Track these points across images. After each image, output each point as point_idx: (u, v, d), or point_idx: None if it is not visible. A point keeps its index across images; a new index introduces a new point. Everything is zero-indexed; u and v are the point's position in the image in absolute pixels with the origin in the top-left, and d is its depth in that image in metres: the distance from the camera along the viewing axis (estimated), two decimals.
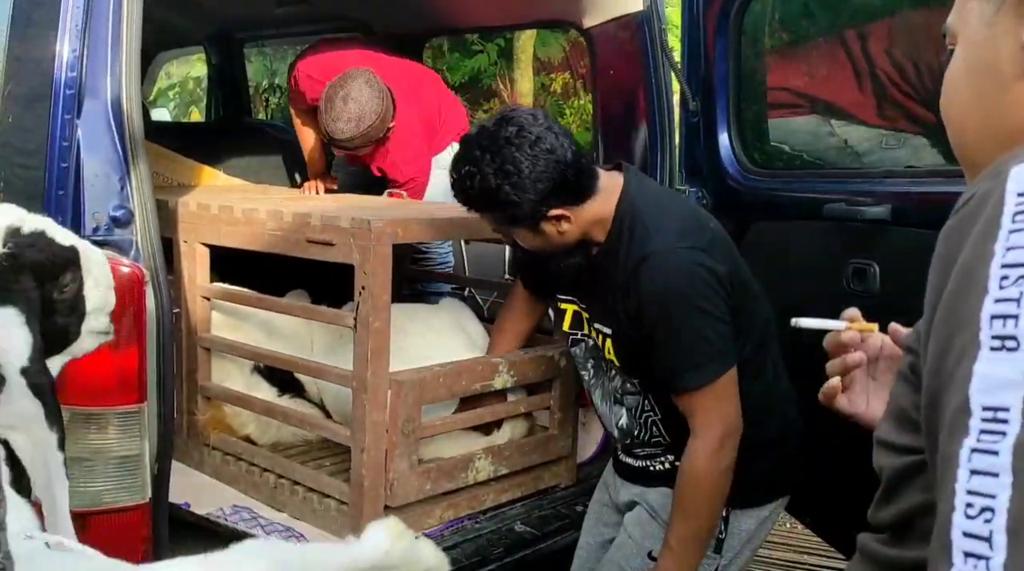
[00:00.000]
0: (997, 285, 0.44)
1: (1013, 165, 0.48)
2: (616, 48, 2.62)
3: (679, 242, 1.58)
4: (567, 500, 2.17)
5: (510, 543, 1.95)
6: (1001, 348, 0.42)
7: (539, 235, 1.61)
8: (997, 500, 0.39)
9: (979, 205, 0.48)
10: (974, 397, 0.42)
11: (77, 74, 1.33)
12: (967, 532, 0.40)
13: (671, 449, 1.68)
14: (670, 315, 1.54)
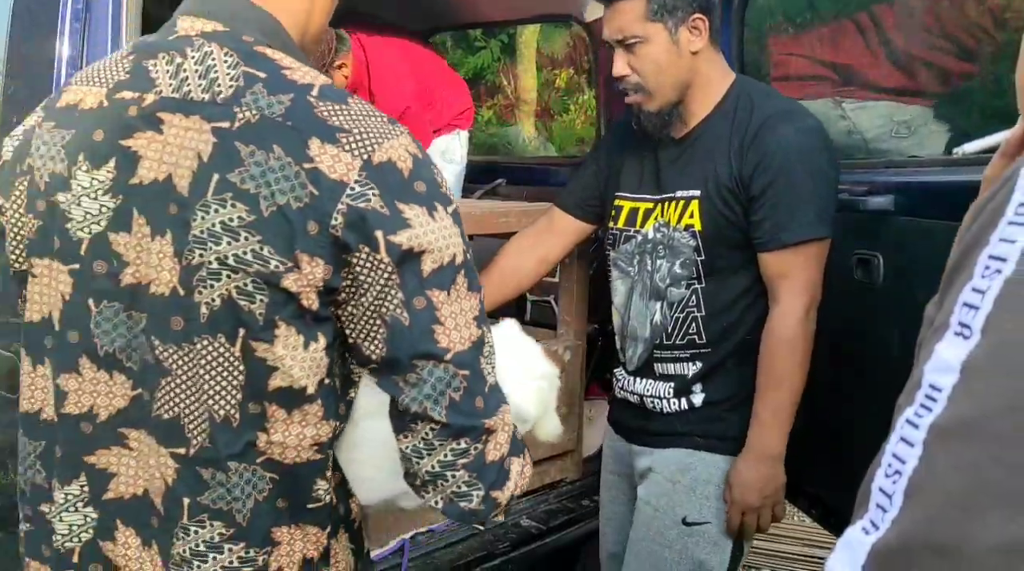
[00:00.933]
0: (980, 273, 0.45)
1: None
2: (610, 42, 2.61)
3: (806, 113, 1.66)
4: (573, 494, 2.17)
5: (516, 538, 1.96)
6: (959, 334, 0.45)
7: (672, 45, 1.62)
8: (906, 466, 0.44)
9: (1000, 186, 0.48)
10: (926, 374, 0.46)
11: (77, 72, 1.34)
12: (881, 488, 0.46)
13: (700, 356, 1.67)
14: (794, 170, 1.57)
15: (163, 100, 0.84)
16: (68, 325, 0.87)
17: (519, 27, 6.72)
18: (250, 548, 0.86)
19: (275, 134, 0.80)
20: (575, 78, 7.99)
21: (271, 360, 0.82)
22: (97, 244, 0.85)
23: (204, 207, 0.80)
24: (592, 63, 2.80)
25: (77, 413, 0.87)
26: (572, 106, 8.07)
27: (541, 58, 7.75)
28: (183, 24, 0.88)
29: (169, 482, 0.85)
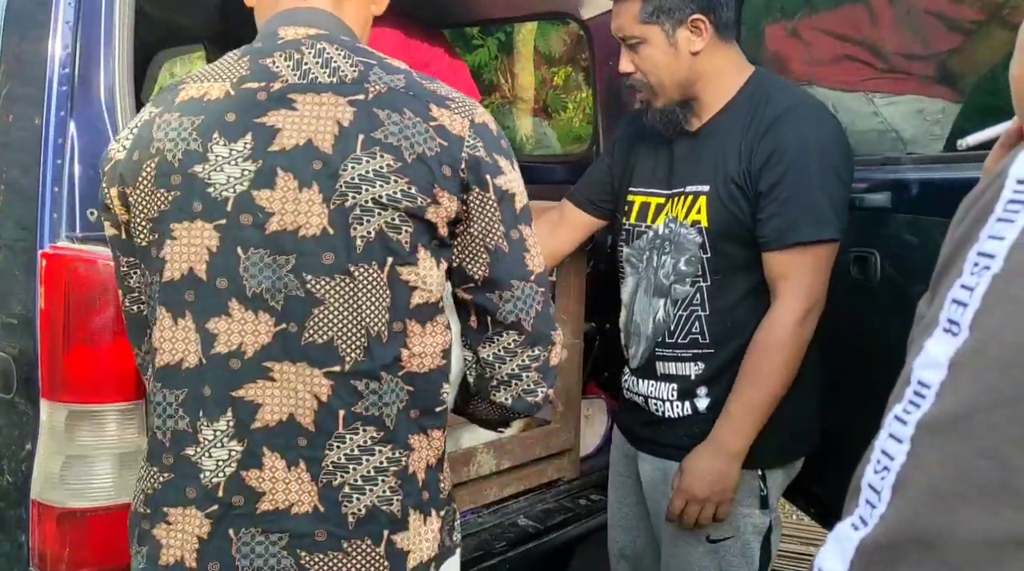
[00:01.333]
0: (969, 270, 0.45)
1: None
2: (615, 39, 2.60)
3: (822, 107, 1.62)
4: (570, 494, 2.17)
5: (513, 537, 1.95)
6: (948, 331, 0.45)
7: (670, 47, 1.60)
8: (894, 462, 0.45)
9: (990, 182, 0.48)
10: (915, 370, 0.46)
11: (70, 71, 1.33)
12: (870, 484, 0.46)
13: (703, 357, 1.63)
14: (807, 166, 1.52)
15: (290, 86, 1.00)
16: (216, 273, 0.98)
17: (516, 25, 6.71)
18: (396, 450, 1.02)
19: (403, 101, 1.01)
20: (573, 76, 7.97)
21: (413, 281, 1.00)
22: (242, 201, 0.98)
23: (355, 160, 0.98)
24: (590, 61, 2.78)
25: (227, 352, 0.98)
26: (571, 103, 8.05)
27: (538, 56, 7.74)
28: (286, 32, 1.05)
29: (323, 399, 0.98)
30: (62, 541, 1.34)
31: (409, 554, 1.03)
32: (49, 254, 1.32)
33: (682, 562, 1.68)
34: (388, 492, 1.01)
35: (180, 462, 1.00)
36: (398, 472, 1.02)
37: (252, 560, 0.99)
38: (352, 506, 1.00)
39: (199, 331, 0.99)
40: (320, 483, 0.99)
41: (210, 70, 1.06)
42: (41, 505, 1.35)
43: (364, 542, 1.00)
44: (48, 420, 1.33)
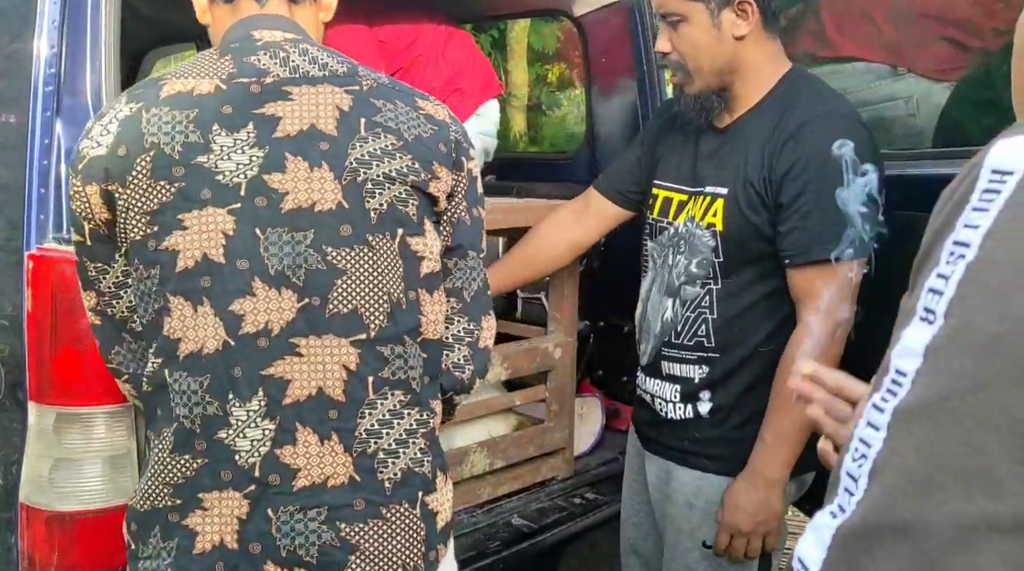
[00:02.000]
0: (945, 259, 0.46)
1: (1001, 137, 0.47)
2: (607, 35, 2.60)
3: (854, 114, 1.54)
4: (564, 492, 2.16)
5: (507, 537, 1.94)
6: (924, 319, 0.46)
7: (713, 28, 1.52)
8: (871, 450, 0.46)
9: (967, 173, 0.48)
10: (893, 359, 0.47)
11: (56, 71, 1.32)
12: (848, 472, 0.47)
13: (707, 361, 1.60)
14: (834, 179, 1.39)
15: (282, 80, 1.05)
16: (236, 255, 1.00)
17: (510, 22, 6.70)
18: (423, 412, 1.07)
19: (392, 94, 1.10)
20: (567, 72, 7.96)
21: (421, 251, 1.07)
22: (254, 185, 1.01)
23: (361, 139, 1.04)
24: (583, 58, 2.78)
25: (255, 331, 1.00)
26: (566, 100, 8.05)
27: (532, 52, 7.72)
28: (261, 35, 1.09)
29: (352, 367, 1.02)
30: (51, 544, 1.33)
31: (438, 515, 1.08)
32: (36, 255, 1.30)
33: (680, 566, 1.68)
34: (419, 454, 1.06)
35: (213, 446, 1.01)
36: (426, 434, 1.08)
37: (293, 538, 1.01)
38: (388, 471, 1.04)
39: (220, 314, 1.00)
40: (354, 453, 1.02)
41: (190, 68, 1.08)
42: (29, 508, 1.34)
43: (402, 506, 1.04)
44: (36, 423, 1.32)
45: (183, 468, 1.02)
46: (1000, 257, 0.44)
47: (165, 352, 1.03)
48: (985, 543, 0.41)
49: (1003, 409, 0.41)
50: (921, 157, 1.92)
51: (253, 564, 1.00)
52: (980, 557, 0.41)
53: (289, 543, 1.00)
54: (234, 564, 1.01)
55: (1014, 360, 0.42)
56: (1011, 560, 0.41)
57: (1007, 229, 0.44)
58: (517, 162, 3.21)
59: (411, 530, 1.05)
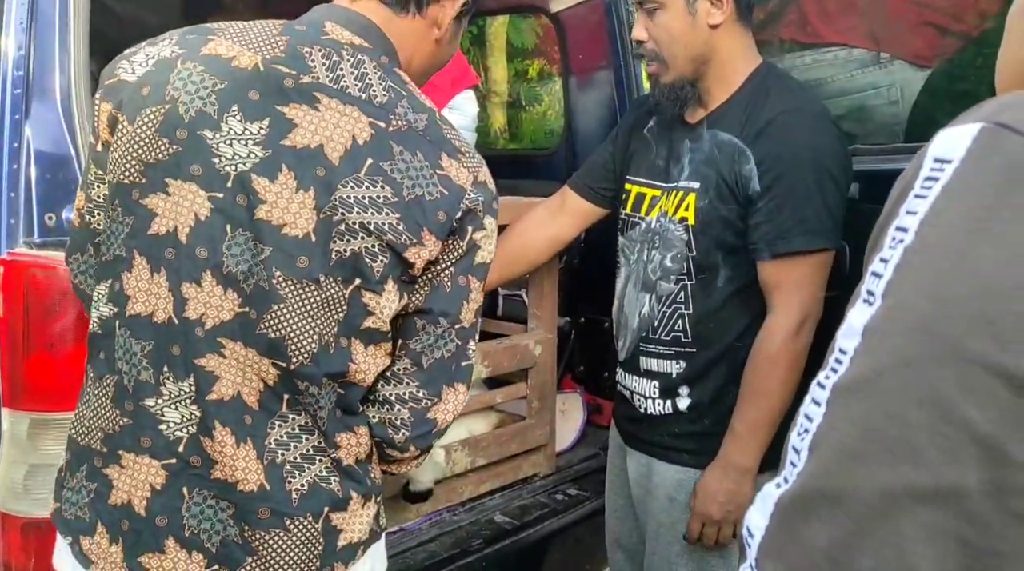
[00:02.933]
0: (888, 244, 0.48)
1: (947, 127, 0.49)
2: (585, 32, 2.60)
3: (824, 111, 1.56)
4: (547, 489, 2.17)
5: (490, 534, 1.94)
6: (866, 301, 0.48)
7: (688, 15, 1.53)
8: (813, 424, 0.48)
9: (913, 162, 0.51)
10: (838, 338, 0.50)
11: (24, 73, 1.30)
12: (793, 446, 0.50)
13: (684, 356, 1.61)
14: (803, 172, 1.47)
15: (320, 84, 1.01)
16: (197, 242, 0.99)
17: (488, 18, 6.68)
18: (323, 443, 1.05)
19: (418, 143, 1.03)
20: (547, 68, 7.96)
21: (372, 306, 1.02)
22: (240, 181, 0.99)
23: (356, 180, 0.99)
24: (560, 54, 2.77)
25: (194, 318, 1.00)
26: (546, 96, 8.04)
27: (511, 48, 7.72)
28: (331, 28, 1.06)
29: (271, 383, 1.01)
30: (27, 552, 1.31)
31: (342, 533, 1.07)
32: (7, 261, 1.29)
33: (662, 560, 1.69)
34: (325, 472, 1.05)
35: (139, 411, 1.02)
36: (330, 464, 1.06)
37: (200, 522, 1.02)
38: (295, 482, 1.03)
39: (172, 291, 1.00)
40: (265, 461, 1.02)
41: (244, 32, 1.05)
42: (5, 516, 1.32)
43: (306, 519, 1.04)
44: (10, 429, 1.31)
45: (113, 421, 1.03)
46: (932, 242, 0.46)
47: (117, 303, 1.03)
48: (908, 511, 0.44)
49: (928, 385, 0.44)
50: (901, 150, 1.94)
51: (155, 535, 1.02)
52: (903, 524, 0.44)
53: (195, 526, 1.02)
54: (138, 529, 1.02)
55: (940, 339, 0.44)
56: (932, 527, 0.43)
57: (941, 215, 0.46)
58: (497, 159, 3.20)
59: (309, 543, 1.04)
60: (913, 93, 2.06)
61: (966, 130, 0.48)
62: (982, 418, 0.42)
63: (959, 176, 0.46)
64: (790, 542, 0.47)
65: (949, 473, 0.43)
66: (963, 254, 0.44)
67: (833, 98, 2.13)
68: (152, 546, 1.02)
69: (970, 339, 0.43)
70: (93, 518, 1.05)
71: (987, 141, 0.46)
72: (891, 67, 2.10)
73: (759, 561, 0.49)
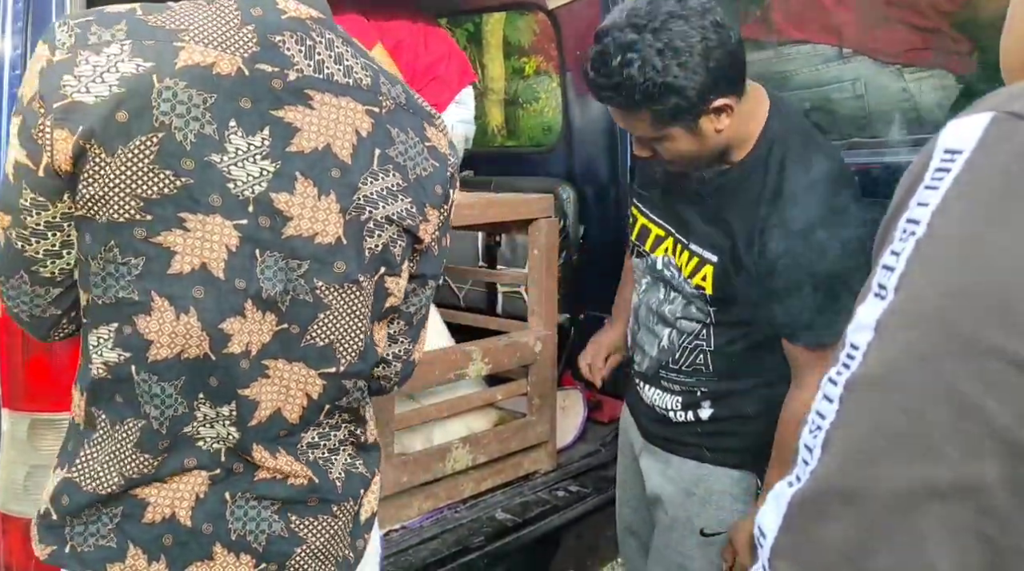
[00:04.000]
0: (899, 237, 0.47)
1: (957, 117, 0.49)
2: (581, 28, 2.60)
3: (836, 181, 1.41)
4: (548, 486, 2.17)
5: (491, 531, 1.94)
6: (877, 295, 0.47)
7: (694, 136, 1.41)
8: (825, 421, 0.47)
9: (923, 154, 0.49)
10: (848, 334, 0.48)
11: (21, 73, 1.30)
12: (806, 444, 0.49)
13: (707, 382, 1.58)
14: (817, 267, 1.36)
15: (307, 79, 0.96)
16: (235, 274, 0.96)
17: (484, 16, 6.68)
18: (358, 427, 1.10)
19: (407, 119, 1.03)
20: (544, 65, 7.96)
21: (391, 288, 1.05)
22: (261, 202, 0.95)
23: (372, 174, 0.99)
24: (558, 51, 2.77)
25: (239, 352, 0.97)
26: (543, 93, 8.04)
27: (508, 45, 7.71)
28: (287, 5, 0.99)
29: (315, 396, 1.02)
30: (28, 553, 1.30)
31: (362, 507, 1.13)
32: None
33: (674, 552, 1.68)
34: (350, 458, 1.10)
35: (177, 441, 0.98)
36: (356, 442, 1.11)
37: (244, 523, 1.02)
38: (334, 471, 1.07)
39: (207, 329, 0.95)
40: (302, 460, 1.05)
41: (208, 28, 0.94)
42: (5, 517, 1.32)
43: (347, 503, 1.09)
44: (10, 430, 1.31)
45: (143, 465, 0.99)
46: (945, 232, 0.45)
47: (132, 348, 0.96)
48: (925, 507, 0.43)
49: (944, 379, 0.43)
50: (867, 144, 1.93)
51: (201, 543, 1.00)
52: (921, 521, 0.43)
53: (240, 528, 1.01)
54: (184, 540, 1.00)
55: (954, 332, 0.43)
56: (950, 524, 0.42)
57: (953, 206, 0.45)
58: (495, 156, 3.21)
59: (348, 525, 1.10)
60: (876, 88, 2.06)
61: (977, 120, 0.47)
62: (1000, 411, 0.42)
63: (970, 166, 0.46)
64: (804, 542, 0.46)
65: (968, 468, 0.42)
66: (976, 244, 0.44)
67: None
68: (200, 555, 1.00)
69: (986, 331, 0.42)
70: (122, 542, 0.99)
71: (998, 130, 0.46)
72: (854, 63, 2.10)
73: (772, 562, 0.48)
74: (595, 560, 2.25)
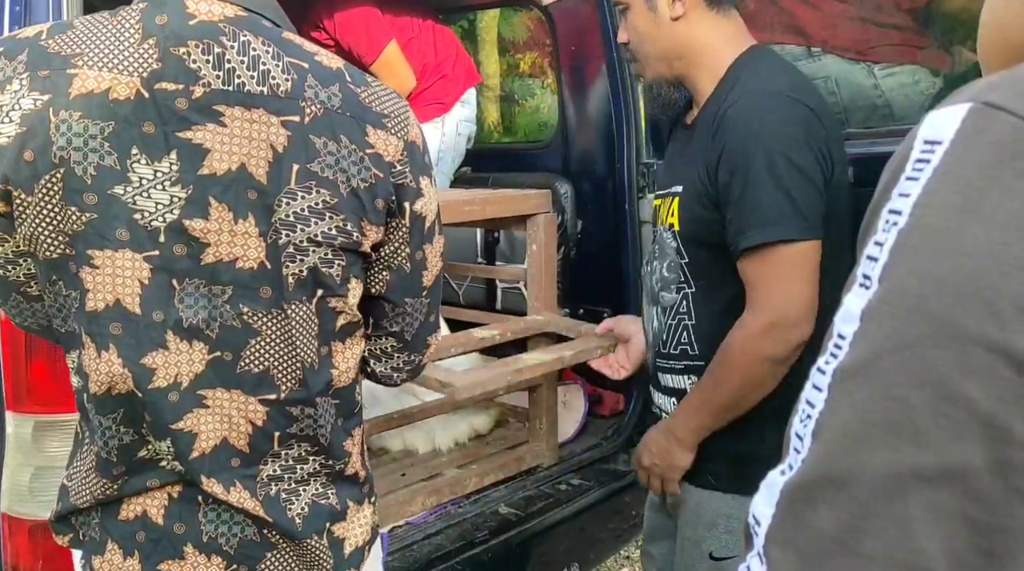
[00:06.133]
0: (882, 227, 0.48)
1: (936, 108, 0.49)
2: (576, 24, 2.60)
3: (786, 90, 1.41)
4: (550, 480, 2.18)
5: (495, 526, 1.95)
6: (863, 285, 0.48)
7: (650, 12, 1.48)
8: (815, 410, 0.48)
9: (904, 145, 0.50)
10: (836, 323, 0.49)
11: None
12: (797, 432, 0.49)
13: (692, 370, 1.53)
14: (753, 160, 1.33)
15: (215, 93, 0.89)
16: (151, 307, 0.92)
17: (479, 12, 6.67)
18: (330, 459, 1.03)
19: (340, 125, 0.93)
20: (539, 61, 7.95)
21: (339, 308, 0.98)
22: (174, 230, 0.90)
23: (290, 194, 0.91)
24: (552, 47, 2.77)
25: (166, 385, 0.94)
26: (538, 89, 8.03)
27: (503, 42, 7.71)
28: (198, 7, 0.91)
29: (259, 423, 0.97)
30: (35, 554, 1.32)
31: (346, 541, 1.07)
32: None
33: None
34: (321, 488, 1.04)
35: (134, 465, 0.98)
36: (330, 475, 1.05)
37: (217, 526, 1.00)
38: (295, 507, 1.02)
39: (128, 366, 0.93)
40: (260, 496, 1.00)
41: (103, 47, 0.88)
42: (11, 518, 1.33)
43: (312, 539, 1.03)
44: (15, 431, 1.31)
45: (104, 487, 0.99)
46: (925, 223, 0.46)
47: (82, 378, 0.96)
48: (914, 492, 0.43)
49: (928, 366, 0.44)
50: None
51: (173, 542, 1.00)
52: (910, 506, 0.43)
53: (212, 530, 1.00)
54: (155, 538, 0.99)
55: (937, 320, 0.44)
56: (937, 508, 0.43)
57: (933, 197, 0.46)
58: (492, 153, 3.21)
59: (320, 559, 1.04)
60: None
61: (955, 111, 0.48)
62: (984, 397, 0.42)
63: (949, 157, 0.47)
64: (797, 528, 0.47)
65: (953, 453, 0.43)
66: (956, 235, 0.45)
67: None
68: (172, 554, 1.00)
69: (968, 319, 0.43)
70: (103, 536, 1.02)
71: (976, 121, 0.46)
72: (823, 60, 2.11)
73: (766, 548, 0.49)
74: (598, 553, 2.26)
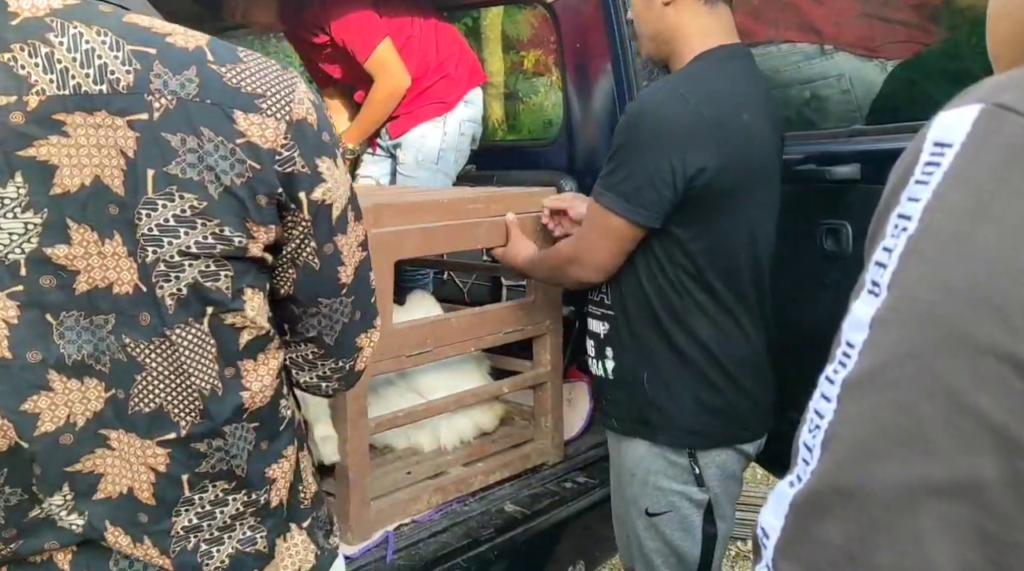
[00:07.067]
0: (890, 233, 0.47)
1: (945, 109, 0.48)
2: (581, 21, 2.60)
3: (675, 86, 1.56)
4: (556, 477, 2.18)
5: (500, 523, 1.95)
6: (871, 292, 0.47)
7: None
8: (824, 420, 0.47)
9: (912, 148, 0.49)
10: (844, 331, 0.48)
11: None
12: (805, 443, 0.48)
13: (606, 318, 1.71)
14: (617, 137, 1.57)
15: (51, 100, 0.78)
16: (24, 347, 0.82)
17: (483, 10, 6.67)
18: (252, 492, 0.92)
19: (199, 116, 0.80)
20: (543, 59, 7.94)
21: (239, 323, 0.86)
22: (37, 261, 0.81)
23: (149, 205, 0.80)
24: (557, 44, 2.77)
25: (54, 429, 0.84)
26: (543, 87, 8.02)
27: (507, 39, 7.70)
28: (20, 4, 0.79)
29: (162, 468, 0.87)
30: None
31: None
32: None
33: (633, 533, 1.76)
34: (249, 532, 0.94)
35: (26, 526, 0.87)
36: (257, 512, 0.94)
37: (131, 563, 0.90)
38: (214, 562, 0.92)
39: (6, 415, 0.83)
40: (173, 553, 0.90)
41: None
42: None
43: None
44: None
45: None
46: (935, 228, 0.45)
47: None
48: (925, 504, 0.42)
49: (938, 375, 0.43)
50: None
51: None
52: (921, 518, 0.42)
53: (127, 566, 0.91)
54: None
55: (948, 329, 0.43)
56: (949, 521, 0.42)
57: (943, 202, 0.45)
58: (496, 150, 3.21)
59: None
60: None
61: (965, 112, 0.46)
62: (995, 408, 0.41)
63: (960, 160, 0.45)
64: (806, 541, 0.46)
65: (965, 465, 0.42)
66: (966, 240, 0.43)
67: None
68: None
69: (979, 327, 0.42)
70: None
71: (986, 123, 0.45)
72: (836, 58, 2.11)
73: (776, 561, 0.48)
74: (603, 551, 2.26)
